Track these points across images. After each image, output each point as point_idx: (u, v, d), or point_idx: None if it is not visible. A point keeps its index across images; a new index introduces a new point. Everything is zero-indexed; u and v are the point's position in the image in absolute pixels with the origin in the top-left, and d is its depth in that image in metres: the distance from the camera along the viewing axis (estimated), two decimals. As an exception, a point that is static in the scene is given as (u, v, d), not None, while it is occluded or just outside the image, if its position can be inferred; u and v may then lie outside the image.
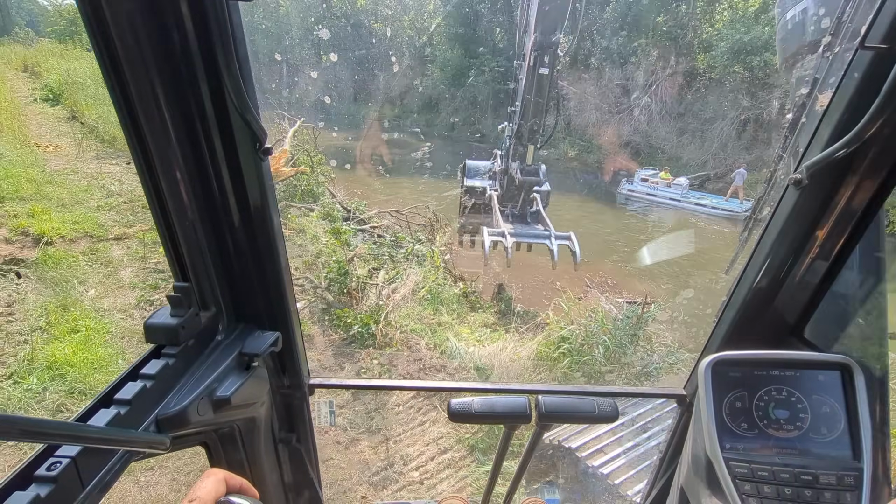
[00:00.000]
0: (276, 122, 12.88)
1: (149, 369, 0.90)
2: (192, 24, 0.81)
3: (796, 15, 1.34)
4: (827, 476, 1.09)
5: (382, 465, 4.72)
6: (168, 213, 0.93)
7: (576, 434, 4.73)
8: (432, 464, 4.82)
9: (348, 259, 7.60)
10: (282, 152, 8.50)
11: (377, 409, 5.33)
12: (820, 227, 1.12)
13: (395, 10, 30.00)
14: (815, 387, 1.17)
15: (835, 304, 1.26)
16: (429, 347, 6.21)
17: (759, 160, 17.65)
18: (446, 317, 6.94)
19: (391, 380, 5.09)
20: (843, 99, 0.99)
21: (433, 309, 7.03)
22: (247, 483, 0.73)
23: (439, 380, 5.50)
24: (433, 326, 6.65)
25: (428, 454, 4.92)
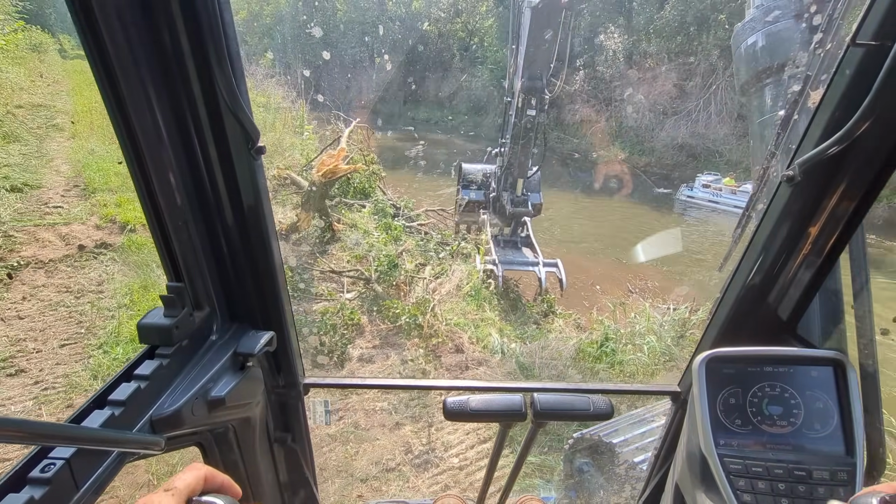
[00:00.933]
0: (332, 123, 13.49)
1: (143, 370, 0.89)
2: (182, 22, 0.81)
3: (748, 47, 1.41)
4: (820, 471, 1.09)
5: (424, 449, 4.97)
6: (161, 212, 0.93)
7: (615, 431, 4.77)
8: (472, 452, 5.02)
9: (397, 253, 7.96)
10: (340, 150, 8.98)
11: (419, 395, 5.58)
12: (812, 224, 1.11)
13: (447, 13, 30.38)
14: (808, 383, 1.18)
15: (827, 300, 1.27)
16: (471, 341, 6.41)
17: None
18: (489, 313, 7.12)
19: (387, 378, 5.25)
20: (835, 96, 0.99)
21: (476, 305, 7.22)
22: (229, 482, 0.70)
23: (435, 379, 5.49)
24: (476, 322, 6.84)
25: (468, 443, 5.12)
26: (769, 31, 1.34)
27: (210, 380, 0.99)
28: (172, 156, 0.90)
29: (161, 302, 0.97)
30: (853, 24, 0.91)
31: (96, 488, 0.72)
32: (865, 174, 1.00)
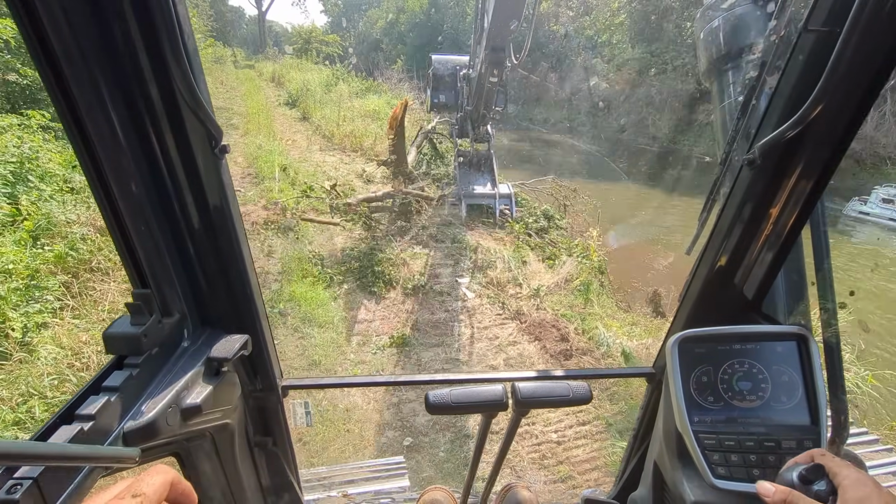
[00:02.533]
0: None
1: (112, 381, 0.87)
2: (134, 17, 0.78)
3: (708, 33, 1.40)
4: (788, 441, 1.14)
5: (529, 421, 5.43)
6: (121, 217, 0.91)
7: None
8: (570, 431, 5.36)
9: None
10: (400, 103, 10.22)
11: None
12: (773, 205, 1.15)
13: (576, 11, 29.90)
14: (773, 358, 1.22)
15: (789, 277, 1.33)
16: (577, 332, 6.69)
17: None
18: (597, 308, 7.30)
19: (366, 376, 5.33)
20: (790, 81, 1.01)
21: (584, 299, 7.45)
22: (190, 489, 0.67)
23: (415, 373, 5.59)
24: (583, 315, 7.09)
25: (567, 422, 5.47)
26: (727, 17, 1.33)
27: (184, 388, 0.97)
28: (131, 158, 0.87)
29: (127, 310, 0.95)
30: (804, 10, 0.95)
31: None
32: (821, 155, 1.03)
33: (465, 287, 7.67)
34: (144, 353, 0.93)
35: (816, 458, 0.80)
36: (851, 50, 0.84)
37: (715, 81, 1.49)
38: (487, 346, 6.46)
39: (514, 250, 8.76)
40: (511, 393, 1.25)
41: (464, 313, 7.09)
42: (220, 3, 37.88)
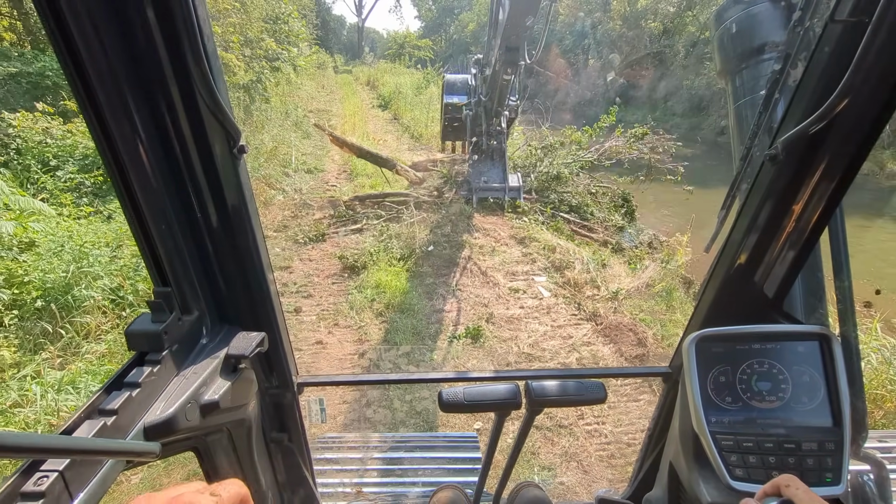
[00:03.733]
0: (537, 124, 14.36)
1: (133, 377, 0.89)
2: (156, 20, 0.79)
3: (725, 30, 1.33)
4: (809, 443, 1.11)
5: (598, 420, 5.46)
6: (143, 217, 0.92)
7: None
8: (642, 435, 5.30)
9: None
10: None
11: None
12: (796, 202, 1.11)
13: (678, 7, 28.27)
14: (794, 358, 1.19)
15: (810, 276, 1.30)
16: (655, 338, 6.53)
17: None
18: (679, 315, 7.04)
19: (380, 374, 5.34)
20: (815, 73, 0.99)
21: (666, 305, 7.22)
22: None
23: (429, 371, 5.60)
24: (663, 321, 6.88)
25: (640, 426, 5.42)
26: (742, 16, 1.29)
27: (202, 384, 0.99)
28: (153, 159, 0.89)
29: (148, 308, 0.97)
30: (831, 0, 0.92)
31: (90, 498, 0.72)
32: (846, 150, 1.00)
33: (542, 286, 7.76)
34: (165, 349, 0.95)
35: (783, 491, 0.79)
36: (881, 41, 0.81)
37: (730, 81, 1.48)
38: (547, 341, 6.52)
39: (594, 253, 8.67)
40: (525, 392, 1.24)
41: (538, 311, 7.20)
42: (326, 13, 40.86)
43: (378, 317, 6.68)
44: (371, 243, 8.44)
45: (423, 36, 41.75)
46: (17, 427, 4.11)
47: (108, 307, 5.74)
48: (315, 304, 7.04)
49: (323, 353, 6.01)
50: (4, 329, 5.20)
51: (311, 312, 6.81)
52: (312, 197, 10.34)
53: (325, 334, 6.34)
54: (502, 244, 9.06)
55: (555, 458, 4.72)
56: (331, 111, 18.83)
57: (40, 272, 5.68)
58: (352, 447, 3.62)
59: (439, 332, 6.52)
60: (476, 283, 7.75)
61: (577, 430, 5.05)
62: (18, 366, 4.98)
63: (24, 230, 5.81)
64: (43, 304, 5.51)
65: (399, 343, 6.12)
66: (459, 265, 8.13)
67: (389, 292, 7.06)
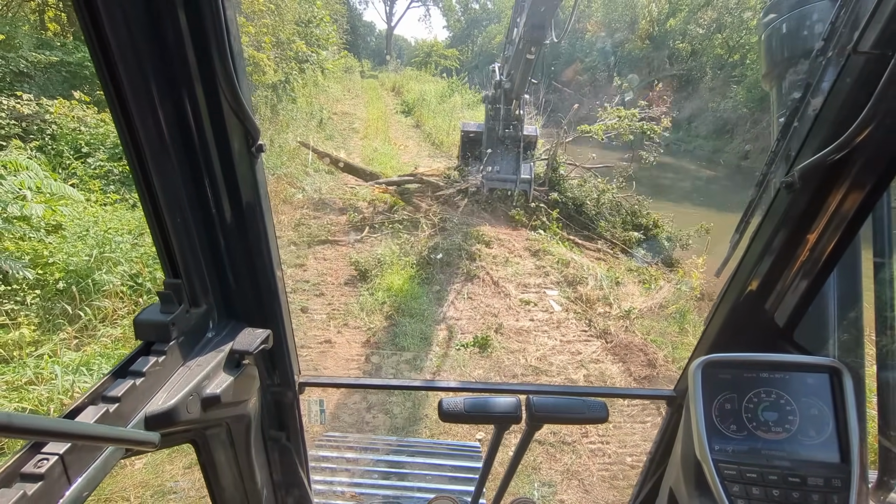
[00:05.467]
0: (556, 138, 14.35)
1: (138, 366, 0.89)
2: (186, 19, 0.81)
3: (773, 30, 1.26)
4: (815, 478, 1.09)
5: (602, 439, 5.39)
6: (160, 209, 0.93)
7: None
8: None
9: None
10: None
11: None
12: (811, 231, 1.10)
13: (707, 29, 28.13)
14: (803, 389, 1.17)
15: (824, 307, 1.27)
16: (665, 360, 6.44)
17: None
18: (691, 339, 6.93)
19: (383, 378, 5.33)
20: (836, 103, 0.99)
21: (679, 327, 7.12)
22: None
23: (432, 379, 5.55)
24: (675, 343, 6.79)
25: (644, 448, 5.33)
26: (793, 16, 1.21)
27: (205, 377, 0.99)
28: (173, 152, 0.90)
29: (158, 298, 0.98)
30: (855, 32, 0.93)
31: (89, 483, 0.73)
32: (865, 182, 0.99)
33: (553, 300, 7.72)
34: (171, 340, 0.96)
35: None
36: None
37: (775, 87, 1.41)
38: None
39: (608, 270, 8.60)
40: (526, 406, 1.23)
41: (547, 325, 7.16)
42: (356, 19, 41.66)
43: (387, 319, 6.71)
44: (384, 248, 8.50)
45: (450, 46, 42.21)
46: (31, 405, 4.22)
47: (125, 293, 5.88)
48: (326, 302, 7.11)
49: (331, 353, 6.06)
50: (26, 307, 5.35)
51: (322, 311, 6.88)
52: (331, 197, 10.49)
53: (335, 333, 6.39)
54: (516, 255, 9.04)
55: (556, 474, 4.66)
56: (355, 114, 19.09)
57: (64, 255, 5.84)
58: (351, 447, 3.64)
59: (448, 338, 6.52)
60: (487, 293, 7.75)
61: (581, 448, 5.00)
62: (36, 344, 5.12)
63: (53, 213, 6.00)
64: (64, 285, 5.67)
65: (407, 347, 6.14)
66: (470, 274, 8.14)
67: (400, 296, 7.10)
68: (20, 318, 5.25)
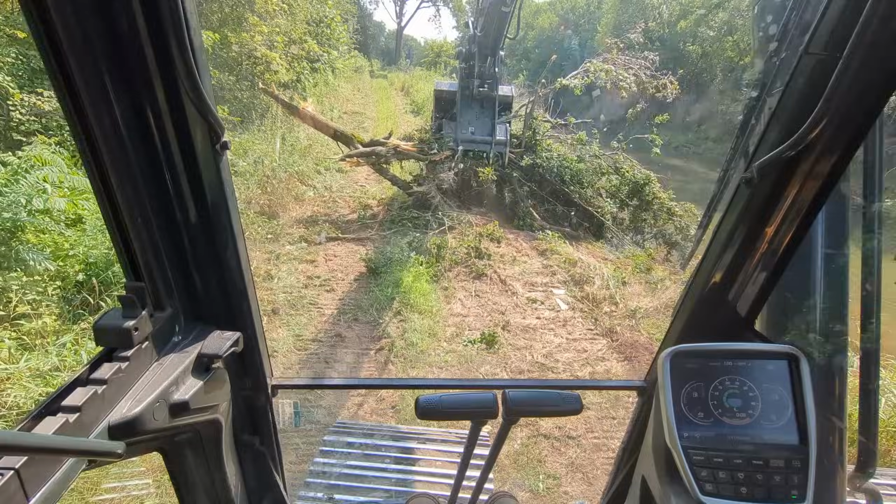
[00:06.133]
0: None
1: (100, 373, 0.86)
2: (141, 11, 0.78)
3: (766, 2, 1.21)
4: (776, 460, 1.15)
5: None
6: (118, 209, 0.90)
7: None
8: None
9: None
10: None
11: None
12: (769, 224, 1.15)
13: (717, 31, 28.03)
14: (764, 376, 1.22)
15: (782, 296, 1.34)
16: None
17: None
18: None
19: (356, 378, 5.35)
20: (789, 102, 1.03)
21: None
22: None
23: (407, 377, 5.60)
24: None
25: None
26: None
27: (172, 383, 0.97)
28: (131, 151, 0.87)
29: (119, 302, 0.95)
30: (805, 35, 0.97)
31: (48, 499, 0.70)
32: (817, 177, 1.04)
33: (560, 298, 7.82)
34: (134, 346, 0.93)
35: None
36: (851, 74, 0.86)
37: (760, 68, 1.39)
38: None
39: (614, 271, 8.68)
40: (502, 401, 1.25)
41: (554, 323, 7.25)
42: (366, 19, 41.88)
43: (396, 315, 6.84)
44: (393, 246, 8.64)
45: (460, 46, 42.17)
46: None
47: (143, 285, 6.05)
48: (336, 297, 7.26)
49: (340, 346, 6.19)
50: (47, 298, 5.53)
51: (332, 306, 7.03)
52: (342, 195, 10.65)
53: (345, 328, 6.53)
54: (523, 254, 9.15)
55: (560, 467, 4.77)
56: (364, 113, 19.28)
57: (84, 247, 6.02)
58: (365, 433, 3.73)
59: (455, 335, 6.64)
60: (494, 291, 7.86)
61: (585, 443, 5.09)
62: (58, 333, 5.29)
63: (74, 206, 6.17)
64: (84, 277, 5.84)
65: (415, 343, 6.26)
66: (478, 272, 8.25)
67: (408, 292, 7.23)
68: (41, 308, 5.42)
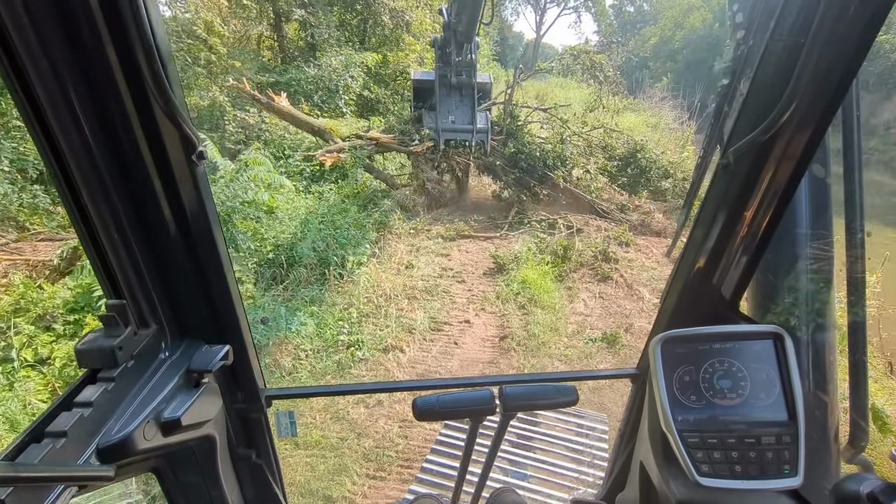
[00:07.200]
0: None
1: (84, 396, 0.85)
2: (103, 20, 0.75)
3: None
4: (767, 437, 1.17)
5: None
6: (92, 226, 0.89)
7: None
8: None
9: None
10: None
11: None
12: (748, 208, 1.17)
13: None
14: (751, 356, 1.24)
15: (765, 277, 1.37)
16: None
17: None
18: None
19: (351, 384, 5.28)
20: (759, 88, 1.05)
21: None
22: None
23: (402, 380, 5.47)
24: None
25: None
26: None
27: (163, 401, 0.96)
28: (103, 167, 0.86)
29: (100, 322, 0.93)
30: (771, 21, 0.99)
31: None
32: (791, 159, 1.07)
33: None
34: (119, 366, 0.91)
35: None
36: (816, 58, 0.89)
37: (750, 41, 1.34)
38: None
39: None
40: (499, 396, 1.26)
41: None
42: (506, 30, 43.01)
43: (520, 309, 7.31)
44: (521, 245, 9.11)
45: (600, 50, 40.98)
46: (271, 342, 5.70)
47: (315, 264, 7.44)
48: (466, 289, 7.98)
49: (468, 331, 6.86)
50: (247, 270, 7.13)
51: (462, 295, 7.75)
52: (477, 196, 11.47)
53: (473, 316, 7.20)
54: (654, 261, 8.94)
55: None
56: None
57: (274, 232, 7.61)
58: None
59: (576, 332, 6.88)
60: (620, 295, 7.88)
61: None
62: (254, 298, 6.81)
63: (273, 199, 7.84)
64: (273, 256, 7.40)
65: (537, 335, 6.65)
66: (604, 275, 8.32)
67: (534, 289, 7.64)
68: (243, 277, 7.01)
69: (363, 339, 6.27)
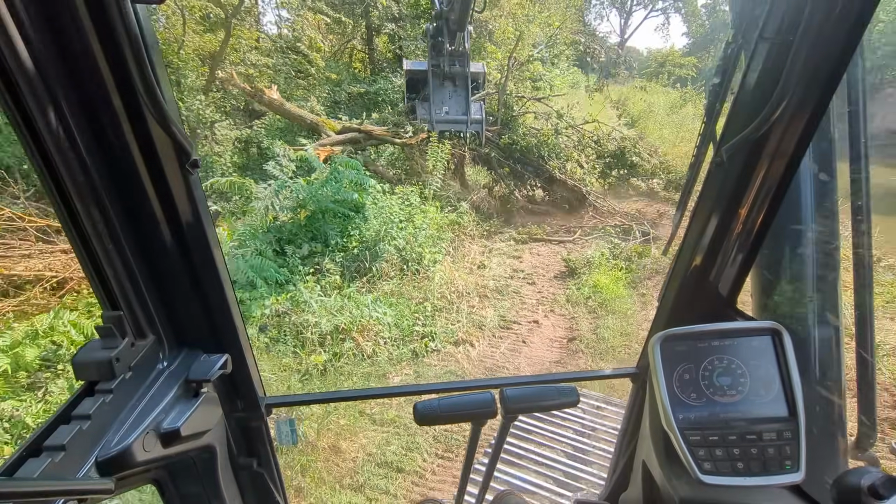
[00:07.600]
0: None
1: (82, 409, 0.84)
2: (94, 29, 0.75)
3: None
4: (769, 433, 1.17)
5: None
6: (86, 236, 0.87)
7: None
8: None
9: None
10: None
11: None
12: (742, 205, 1.18)
13: None
14: (750, 353, 1.25)
15: (760, 274, 1.38)
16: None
17: None
18: None
19: (352, 390, 4.99)
20: (750, 86, 1.06)
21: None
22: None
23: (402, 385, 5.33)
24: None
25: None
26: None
27: (162, 412, 0.96)
28: (96, 177, 0.85)
29: (97, 333, 0.92)
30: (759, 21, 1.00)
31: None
32: (783, 156, 1.08)
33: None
34: (117, 377, 0.91)
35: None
36: (804, 56, 0.90)
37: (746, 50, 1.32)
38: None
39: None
40: (500, 399, 1.26)
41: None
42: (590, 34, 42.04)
43: (590, 313, 7.39)
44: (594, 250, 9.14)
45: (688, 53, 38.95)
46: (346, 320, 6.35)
47: (394, 261, 8.04)
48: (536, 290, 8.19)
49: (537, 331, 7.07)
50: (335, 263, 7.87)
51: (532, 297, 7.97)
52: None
53: (542, 317, 7.40)
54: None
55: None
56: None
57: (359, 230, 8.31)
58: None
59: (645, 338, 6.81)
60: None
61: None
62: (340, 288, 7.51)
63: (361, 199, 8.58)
64: (358, 251, 8.09)
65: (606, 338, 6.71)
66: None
67: (604, 293, 7.68)
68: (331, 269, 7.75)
69: (436, 332, 6.67)
